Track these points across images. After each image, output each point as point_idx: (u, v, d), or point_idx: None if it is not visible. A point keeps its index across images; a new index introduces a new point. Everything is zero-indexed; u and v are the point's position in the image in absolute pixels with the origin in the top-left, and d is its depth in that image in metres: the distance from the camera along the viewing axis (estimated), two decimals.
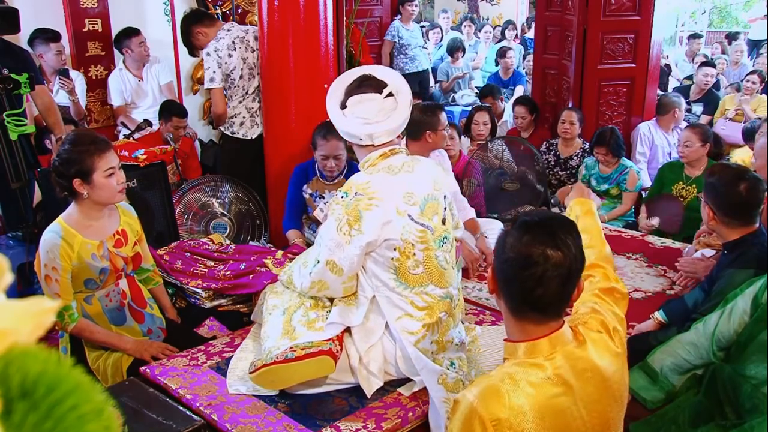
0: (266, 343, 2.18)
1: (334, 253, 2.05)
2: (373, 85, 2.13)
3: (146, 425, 1.93)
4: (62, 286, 2.34)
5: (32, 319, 0.50)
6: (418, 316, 2.10)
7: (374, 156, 2.13)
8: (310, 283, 2.14)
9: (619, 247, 3.54)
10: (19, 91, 3.48)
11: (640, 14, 4.83)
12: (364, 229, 2.01)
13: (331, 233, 2.05)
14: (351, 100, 2.12)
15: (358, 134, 2.12)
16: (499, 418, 1.34)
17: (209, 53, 3.86)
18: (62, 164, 2.32)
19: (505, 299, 1.48)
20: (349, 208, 2.03)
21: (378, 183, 2.05)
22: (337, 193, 2.09)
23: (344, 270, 2.06)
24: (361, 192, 2.03)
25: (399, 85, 2.17)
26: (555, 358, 1.43)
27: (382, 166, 2.11)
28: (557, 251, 1.39)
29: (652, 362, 2.23)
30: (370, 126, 2.10)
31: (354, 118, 2.12)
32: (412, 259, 2.07)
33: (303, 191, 3.45)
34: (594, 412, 1.43)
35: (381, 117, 2.11)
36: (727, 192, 2.38)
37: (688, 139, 3.80)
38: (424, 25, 9.18)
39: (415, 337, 2.09)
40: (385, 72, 2.24)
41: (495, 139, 4.40)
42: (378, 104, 2.11)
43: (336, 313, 2.15)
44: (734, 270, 2.35)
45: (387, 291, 2.10)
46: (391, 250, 2.05)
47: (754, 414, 1.89)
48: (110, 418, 0.52)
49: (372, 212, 2.01)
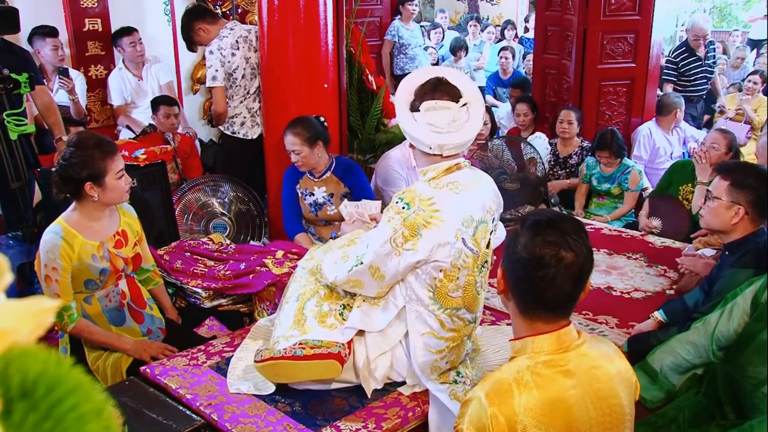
0: (276, 330, 2.16)
1: (381, 261, 1.97)
2: (449, 93, 2.00)
3: (146, 425, 1.93)
4: (62, 287, 2.34)
5: (32, 319, 0.50)
6: (444, 336, 2.06)
7: (441, 168, 2.00)
8: (346, 278, 2.07)
9: (619, 247, 3.54)
10: (19, 91, 3.48)
11: (640, 14, 4.83)
12: (419, 247, 1.92)
13: (382, 240, 1.96)
14: (425, 104, 1.99)
15: (427, 142, 1.99)
16: (509, 413, 1.35)
17: (212, 51, 3.86)
18: (72, 167, 2.30)
19: (515, 299, 1.49)
20: (408, 221, 1.93)
21: (442, 201, 1.94)
22: (396, 201, 1.99)
23: (386, 278, 2.01)
24: (423, 208, 1.93)
25: (473, 94, 2.05)
26: (564, 354, 1.44)
27: (447, 180, 1.99)
28: (570, 252, 1.39)
29: (652, 362, 2.22)
30: (441, 136, 1.97)
31: (425, 125, 1.99)
32: (454, 283, 2.01)
33: (296, 190, 3.47)
34: (601, 408, 1.43)
35: (453, 128, 1.98)
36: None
37: (717, 142, 3.63)
38: (424, 24, 9.18)
39: (435, 356, 2.06)
40: (459, 78, 2.10)
41: (495, 139, 4.40)
42: (452, 114, 1.98)
43: (357, 316, 2.10)
44: (735, 270, 2.34)
45: (419, 306, 2.05)
46: (437, 272, 1.98)
47: (753, 414, 1.89)
48: (110, 418, 0.52)
49: (431, 231, 1.92)
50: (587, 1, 4.77)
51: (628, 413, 1.49)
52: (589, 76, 4.92)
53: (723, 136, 3.68)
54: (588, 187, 4.47)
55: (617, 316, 2.81)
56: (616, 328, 2.72)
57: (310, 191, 3.42)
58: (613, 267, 3.31)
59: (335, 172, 3.40)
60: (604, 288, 3.09)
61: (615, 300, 2.98)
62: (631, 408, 1.50)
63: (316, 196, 3.41)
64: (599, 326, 2.74)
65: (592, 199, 4.51)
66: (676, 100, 4.97)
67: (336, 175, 3.40)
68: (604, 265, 3.33)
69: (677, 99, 4.99)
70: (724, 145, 3.64)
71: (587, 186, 4.47)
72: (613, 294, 3.04)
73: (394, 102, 2.08)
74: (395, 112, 2.14)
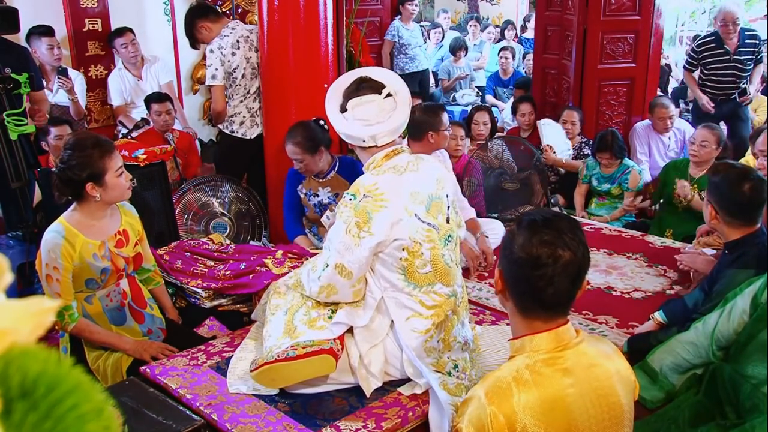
0: (267, 342, 2.17)
1: (343, 256, 2.04)
2: (371, 87, 2.13)
3: (146, 425, 1.93)
4: (63, 286, 2.34)
5: (32, 319, 0.50)
6: (427, 314, 2.10)
7: (378, 157, 2.13)
8: (318, 287, 2.12)
9: (619, 247, 3.55)
10: (19, 91, 3.48)
11: (640, 14, 4.83)
12: (374, 230, 2.01)
13: (340, 236, 2.04)
14: (351, 102, 2.12)
15: (360, 136, 2.11)
16: (508, 412, 1.36)
17: (213, 50, 3.86)
18: (71, 169, 2.31)
19: (513, 299, 1.49)
20: (357, 210, 2.02)
21: (385, 183, 2.05)
22: (345, 196, 2.09)
23: (353, 273, 2.06)
24: (369, 194, 2.03)
25: (397, 84, 2.18)
26: (562, 352, 1.44)
27: (388, 166, 2.11)
28: (567, 250, 1.40)
29: (652, 362, 2.23)
30: (371, 127, 2.10)
31: (355, 121, 2.11)
32: (420, 259, 2.08)
33: (299, 191, 3.46)
34: (600, 406, 1.44)
35: (382, 118, 2.11)
36: (731, 191, 2.38)
37: (706, 139, 3.73)
38: (424, 24, 9.17)
39: (424, 337, 2.10)
40: (382, 73, 2.24)
41: (495, 139, 4.40)
42: (378, 105, 2.11)
43: (343, 314, 2.15)
44: (735, 270, 2.34)
45: (395, 292, 2.11)
46: (400, 250, 2.05)
47: (754, 414, 1.89)
48: (110, 418, 0.52)
49: (381, 213, 2.01)
50: (587, 1, 4.77)
51: (627, 411, 1.49)
52: (589, 76, 4.92)
53: (711, 133, 3.77)
54: (588, 187, 4.47)
55: (617, 316, 2.81)
56: (616, 328, 2.72)
57: (314, 192, 3.42)
58: (613, 267, 3.31)
59: (339, 171, 3.40)
60: (604, 288, 3.09)
61: (615, 300, 2.98)
62: (630, 406, 1.50)
63: (320, 196, 3.40)
64: (599, 326, 2.74)
65: (592, 199, 4.51)
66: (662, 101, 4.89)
67: (341, 174, 3.39)
68: (604, 265, 3.33)
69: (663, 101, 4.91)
70: (713, 141, 3.75)
71: (587, 186, 4.47)
72: (613, 294, 3.04)
73: (326, 109, 2.15)
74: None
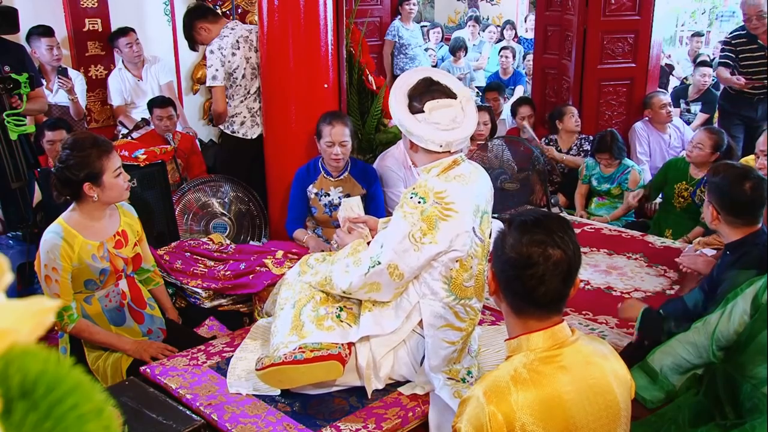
0: (275, 338, 2.16)
1: (401, 258, 1.99)
2: (442, 91, 2.07)
3: (146, 425, 1.93)
4: (62, 287, 2.34)
5: (32, 319, 0.50)
6: (459, 326, 2.10)
7: (445, 163, 2.06)
8: (362, 283, 2.07)
9: (619, 247, 3.54)
10: (19, 91, 3.48)
11: (640, 14, 4.83)
12: (439, 238, 1.97)
13: (399, 237, 1.99)
14: (429, 105, 2.04)
15: (435, 140, 2.04)
16: (507, 411, 1.36)
17: (213, 51, 3.86)
18: (69, 169, 2.31)
19: (507, 299, 1.50)
20: (425, 215, 1.97)
21: (455, 192, 2.00)
22: (410, 195, 2.01)
23: (405, 276, 2.02)
24: (438, 200, 1.97)
25: (465, 92, 2.13)
26: (559, 350, 1.45)
27: (454, 174, 2.05)
28: (557, 249, 1.41)
29: (652, 362, 2.22)
30: (448, 133, 2.04)
31: (431, 124, 2.04)
32: (468, 272, 2.07)
33: (308, 192, 3.45)
34: (597, 404, 1.44)
35: (456, 124, 2.06)
36: (731, 191, 2.37)
37: (702, 142, 3.69)
38: (425, 24, 9.17)
39: (453, 347, 2.10)
40: (446, 77, 2.16)
41: (495, 139, 4.40)
42: (454, 111, 2.06)
43: (370, 322, 2.10)
44: (737, 271, 2.34)
45: (434, 300, 2.08)
46: (453, 262, 2.03)
47: (754, 414, 1.89)
48: (110, 418, 0.52)
49: (448, 223, 1.97)
50: (587, 1, 4.77)
51: (624, 410, 1.50)
52: (589, 76, 4.92)
53: (709, 136, 3.72)
54: (588, 187, 4.47)
55: (617, 316, 2.81)
56: (616, 328, 2.72)
57: (325, 192, 3.42)
58: (613, 267, 3.31)
59: (352, 172, 3.41)
60: (604, 288, 3.09)
61: (615, 300, 2.98)
62: (626, 405, 1.51)
63: (331, 196, 3.40)
64: (599, 326, 2.74)
65: (592, 199, 4.51)
66: (654, 93, 4.89)
67: (353, 175, 3.41)
68: (604, 265, 3.33)
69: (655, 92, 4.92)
70: (709, 146, 3.69)
71: (587, 186, 4.47)
72: (613, 294, 3.04)
73: (390, 107, 2.10)
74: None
